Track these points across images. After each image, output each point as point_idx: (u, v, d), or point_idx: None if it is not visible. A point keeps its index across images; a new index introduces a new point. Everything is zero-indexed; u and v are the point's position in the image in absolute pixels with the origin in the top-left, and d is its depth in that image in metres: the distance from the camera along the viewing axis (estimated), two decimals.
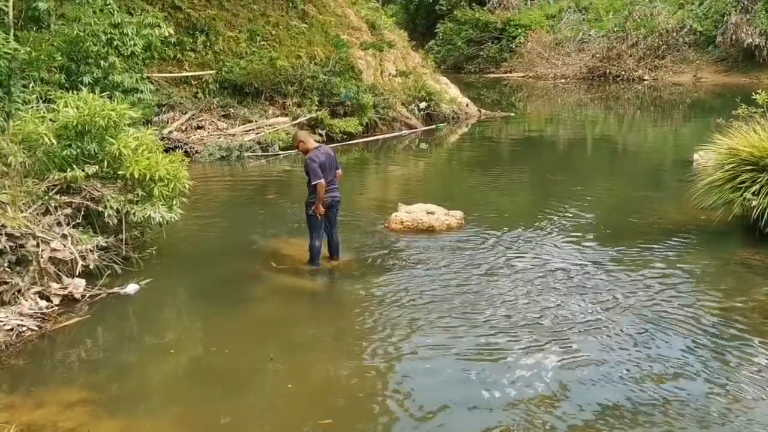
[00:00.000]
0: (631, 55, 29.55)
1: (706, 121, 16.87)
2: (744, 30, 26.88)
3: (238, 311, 6.54)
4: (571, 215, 9.50)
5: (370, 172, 13.73)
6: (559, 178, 12.67)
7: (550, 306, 6.43)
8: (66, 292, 6.48)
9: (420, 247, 8.18)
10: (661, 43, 29.32)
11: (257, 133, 14.47)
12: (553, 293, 6.76)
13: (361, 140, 15.61)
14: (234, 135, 14.28)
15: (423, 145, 16.40)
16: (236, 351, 5.77)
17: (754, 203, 8.01)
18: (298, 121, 15.00)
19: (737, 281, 7.14)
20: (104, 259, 6.96)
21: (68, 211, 6.93)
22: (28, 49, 8.15)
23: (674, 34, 29.25)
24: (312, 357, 5.72)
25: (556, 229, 8.86)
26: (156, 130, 9.18)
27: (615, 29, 30.23)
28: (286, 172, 13.14)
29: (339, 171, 7.58)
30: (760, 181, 8.05)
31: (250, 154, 13.83)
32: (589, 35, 31.38)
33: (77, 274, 6.60)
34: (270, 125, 14.88)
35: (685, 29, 29.33)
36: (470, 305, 6.50)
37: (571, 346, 5.68)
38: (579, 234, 8.68)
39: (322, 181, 7.17)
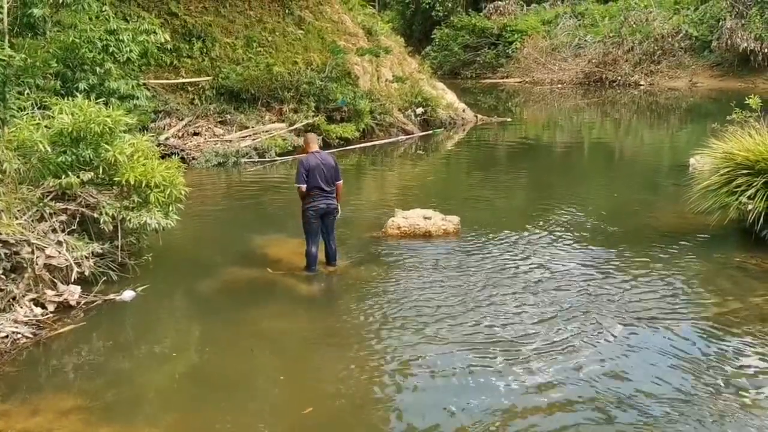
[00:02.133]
0: (627, 61, 29.69)
1: (702, 125, 16.91)
2: (739, 35, 27.02)
3: (233, 316, 6.52)
4: (567, 220, 9.51)
5: (367, 178, 13.73)
6: (556, 183, 12.70)
7: (546, 317, 6.37)
8: (61, 299, 6.46)
9: (417, 253, 8.17)
10: (656, 48, 29.46)
11: (254, 139, 14.49)
12: (546, 302, 6.72)
13: (357, 146, 15.64)
14: (231, 141, 14.29)
15: (420, 151, 16.42)
16: (232, 356, 5.77)
17: (750, 207, 8.02)
18: (295, 127, 15.02)
19: (733, 285, 7.14)
20: (100, 266, 6.95)
21: (63, 217, 6.91)
22: (24, 56, 8.17)
23: (670, 40, 29.40)
24: (306, 361, 5.73)
25: (552, 234, 8.85)
26: (152, 136, 9.16)
27: (611, 35, 30.37)
28: (283, 177, 13.13)
29: (340, 182, 7.60)
30: (756, 185, 8.06)
31: (246, 160, 13.83)
32: (585, 41, 31.53)
33: (72, 281, 6.58)
34: (266, 131, 14.88)
35: (681, 34, 29.47)
36: (461, 315, 6.44)
37: (564, 356, 5.65)
38: (574, 238, 8.69)
39: (303, 186, 7.37)
